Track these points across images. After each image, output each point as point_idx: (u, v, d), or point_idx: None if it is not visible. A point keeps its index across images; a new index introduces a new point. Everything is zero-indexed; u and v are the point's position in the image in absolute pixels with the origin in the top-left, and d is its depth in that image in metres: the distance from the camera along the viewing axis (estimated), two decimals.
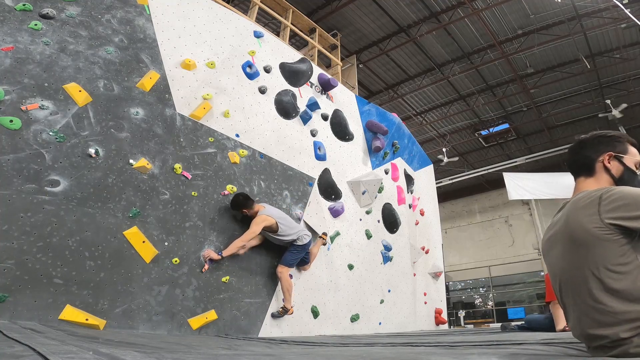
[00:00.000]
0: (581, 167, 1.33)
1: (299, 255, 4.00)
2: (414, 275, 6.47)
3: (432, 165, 8.32)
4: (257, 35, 4.71)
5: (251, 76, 4.44)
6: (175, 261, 3.13)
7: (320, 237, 4.51)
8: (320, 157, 5.07)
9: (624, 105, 10.34)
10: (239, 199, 3.68)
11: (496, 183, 14.53)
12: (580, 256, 1.16)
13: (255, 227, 3.59)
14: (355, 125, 5.92)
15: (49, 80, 2.81)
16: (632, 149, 1.31)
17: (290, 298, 3.87)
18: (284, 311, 3.81)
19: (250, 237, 3.57)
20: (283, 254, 3.94)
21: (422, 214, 7.29)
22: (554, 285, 1.35)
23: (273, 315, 3.80)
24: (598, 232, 1.11)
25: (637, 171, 1.29)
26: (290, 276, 4.14)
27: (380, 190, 5.82)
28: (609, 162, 1.29)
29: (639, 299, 1.07)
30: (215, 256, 3.38)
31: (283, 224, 3.81)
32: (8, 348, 1.14)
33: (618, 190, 1.14)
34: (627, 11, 7.42)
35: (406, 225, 6.45)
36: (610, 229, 1.10)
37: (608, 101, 10.61)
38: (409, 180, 6.99)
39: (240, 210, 3.72)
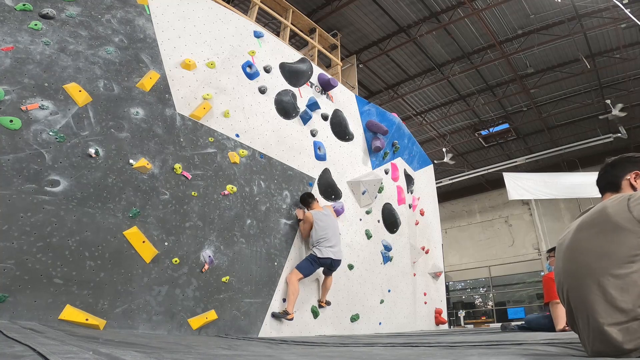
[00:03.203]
0: (609, 184, 1.45)
1: (310, 266, 4.10)
2: (414, 275, 6.47)
3: (432, 165, 8.33)
4: (257, 35, 4.71)
5: (251, 76, 4.44)
6: (175, 261, 3.13)
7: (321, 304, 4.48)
8: (320, 157, 5.07)
9: (621, 106, 10.34)
10: (301, 196, 4.47)
11: (496, 183, 14.53)
12: (598, 240, 1.23)
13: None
14: (355, 125, 5.92)
15: (49, 80, 2.81)
16: None
17: (293, 304, 3.88)
18: (284, 314, 3.82)
19: (305, 230, 4.32)
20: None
21: (422, 214, 7.29)
22: (559, 274, 1.40)
23: (273, 315, 3.81)
24: (622, 221, 1.18)
25: None
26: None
27: (380, 190, 5.82)
28: (635, 180, 1.41)
29: (631, 292, 1.13)
30: (300, 215, 4.29)
31: (319, 227, 4.21)
32: (8, 348, 1.14)
33: None
34: (627, 11, 7.42)
35: (406, 225, 6.45)
36: (635, 221, 1.16)
37: (608, 101, 10.60)
38: (409, 180, 6.98)
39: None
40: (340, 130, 5.59)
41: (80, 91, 2.92)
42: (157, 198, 3.16)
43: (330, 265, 4.24)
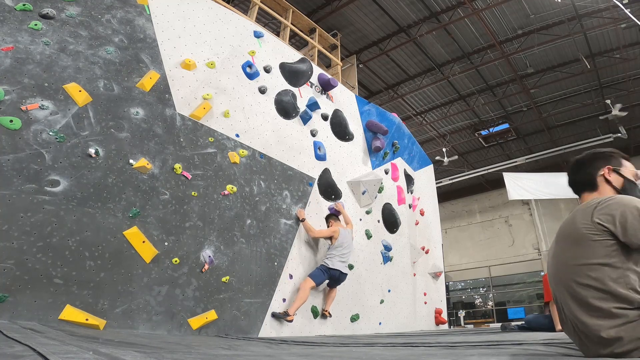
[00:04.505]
0: (584, 183, 1.44)
1: (322, 275, 4.23)
2: (414, 275, 6.47)
3: (432, 165, 8.32)
4: (257, 35, 4.71)
5: (251, 76, 4.44)
6: (175, 261, 3.13)
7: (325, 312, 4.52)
8: (320, 157, 5.07)
9: (620, 106, 10.33)
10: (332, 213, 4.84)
11: (496, 183, 14.52)
12: (569, 252, 1.28)
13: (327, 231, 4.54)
14: (355, 125, 5.91)
15: (49, 80, 2.81)
16: (626, 162, 1.43)
17: (296, 308, 3.92)
18: (285, 315, 3.84)
19: (322, 233, 4.48)
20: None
21: (422, 214, 7.29)
22: (551, 284, 1.43)
23: (273, 314, 3.82)
24: (585, 231, 1.23)
25: (636, 182, 1.40)
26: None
27: (380, 190, 5.81)
28: (609, 175, 1.40)
29: (615, 297, 1.15)
30: (302, 216, 4.38)
31: (338, 242, 4.40)
32: (8, 348, 1.14)
33: (616, 197, 1.26)
34: (627, 11, 7.41)
35: (406, 225, 6.45)
36: (597, 229, 1.20)
37: (608, 101, 10.60)
38: (409, 180, 6.98)
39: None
40: (340, 130, 5.59)
41: (80, 91, 2.92)
42: (157, 198, 3.16)
43: (337, 278, 4.36)
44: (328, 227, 4.66)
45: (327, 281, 4.39)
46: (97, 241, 2.72)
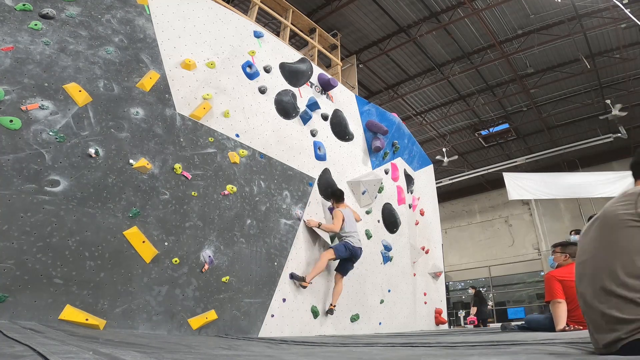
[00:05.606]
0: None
1: (344, 250, 4.41)
2: (414, 275, 6.47)
3: (432, 165, 8.32)
4: (257, 35, 4.71)
5: (251, 76, 4.44)
6: (175, 261, 3.13)
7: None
8: (320, 157, 5.07)
9: (620, 106, 10.34)
10: (338, 191, 4.87)
11: (496, 183, 14.53)
12: (610, 241, 1.24)
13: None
14: (355, 125, 5.92)
15: (49, 80, 2.81)
16: None
17: (313, 276, 4.15)
18: (302, 279, 4.08)
19: (339, 223, 4.51)
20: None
21: (422, 214, 7.29)
22: (577, 271, 1.37)
23: (292, 275, 4.08)
24: (626, 217, 1.19)
25: None
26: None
27: (380, 190, 5.82)
28: None
29: None
30: (315, 223, 4.43)
31: (347, 223, 4.56)
32: (8, 348, 1.14)
33: None
34: (627, 11, 7.42)
35: (406, 225, 6.45)
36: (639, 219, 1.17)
37: (608, 101, 10.60)
38: (409, 180, 6.98)
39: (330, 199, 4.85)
40: (340, 130, 5.59)
41: (80, 91, 2.92)
42: (157, 198, 3.16)
43: (357, 255, 4.55)
44: (333, 208, 4.78)
45: (337, 264, 4.58)
46: (97, 241, 2.72)
